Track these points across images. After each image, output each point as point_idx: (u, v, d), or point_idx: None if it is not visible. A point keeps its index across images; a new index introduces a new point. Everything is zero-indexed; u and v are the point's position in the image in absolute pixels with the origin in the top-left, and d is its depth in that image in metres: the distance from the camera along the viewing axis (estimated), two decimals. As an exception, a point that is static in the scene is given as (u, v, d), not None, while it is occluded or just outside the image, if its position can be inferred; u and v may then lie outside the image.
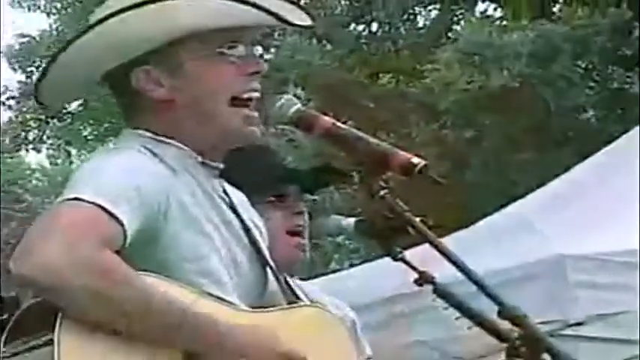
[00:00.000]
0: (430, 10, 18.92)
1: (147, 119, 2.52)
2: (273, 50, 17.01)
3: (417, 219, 2.24)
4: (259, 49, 2.56)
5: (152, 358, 2.25)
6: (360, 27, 18.81)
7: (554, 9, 17.53)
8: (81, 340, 2.19)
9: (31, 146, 22.84)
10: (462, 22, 18.40)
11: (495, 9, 18.64)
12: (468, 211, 7.95)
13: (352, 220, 2.40)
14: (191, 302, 2.29)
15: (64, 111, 21.70)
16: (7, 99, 21.93)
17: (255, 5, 2.47)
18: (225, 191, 2.57)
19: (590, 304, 5.99)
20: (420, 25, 19.00)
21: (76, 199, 2.27)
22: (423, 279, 2.28)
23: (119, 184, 2.33)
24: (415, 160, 2.27)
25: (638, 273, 5.70)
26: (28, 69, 20.71)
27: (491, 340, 2.25)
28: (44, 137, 22.56)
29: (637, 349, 7.20)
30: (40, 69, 2.62)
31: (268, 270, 2.58)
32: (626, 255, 5.76)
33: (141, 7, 2.47)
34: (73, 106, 21.13)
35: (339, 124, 2.35)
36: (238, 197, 2.61)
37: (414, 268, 2.29)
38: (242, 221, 2.55)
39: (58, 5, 20.68)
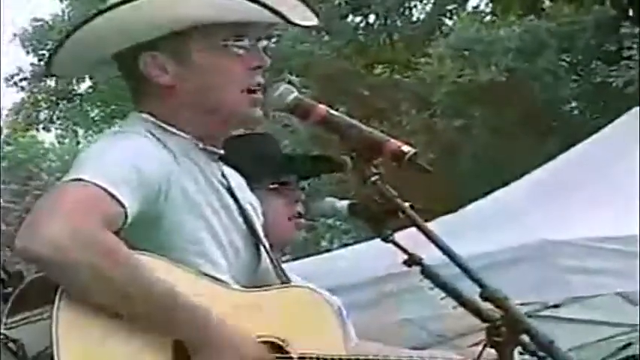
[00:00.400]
0: (425, 4, 18.89)
1: (151, 104, 2.52)
2: (274, 39, 16.97)
3: (406, 204, 2.25)
4: (264, 43, 2.56)
5: (146, 340, 2.25)
6: (358, 19, 18.78)
7: (543, 5, 17.51)
8: (79, 316, 2.20)
9: (41, 126, 22.83)
10: (455, 17, 18.39)
11: (487, 4, 18.63)
12: (456, 196, 7.95)
13: (346, 202, 2.40)
14: (185, 289, 2.29)
15: (74, 93, 21.69)
16: (20, 80, 21.92)
17: (260, 3, 2.47)
18: (223, 174, 2.57)
19: (571, 287, 5.99)
20: (415, 18, 18.97)
21: (80, 179, 2.27)
22: (412, 260, 2.27)
23: (121, 166, 2.32)
24: (405, 148, 2.27)
25: (623, 259, 5.71)
26: (41, 52, 20.69)
27: (473, 320, 2.26)
28: (54, 118, 22.54)
29: (613, 330, 7.24)
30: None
31: (262, 250, 2.58)
32: (609, 241, 5.76)
33: None
34: (83, 88, 21.12)
35: (333, 112, 2.35)
36: (236, 180, 2.61)
37: (403, 250, 2.28)
38: (239, 204, 2.55)
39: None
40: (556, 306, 6.57)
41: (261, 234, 2.59)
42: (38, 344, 2.19)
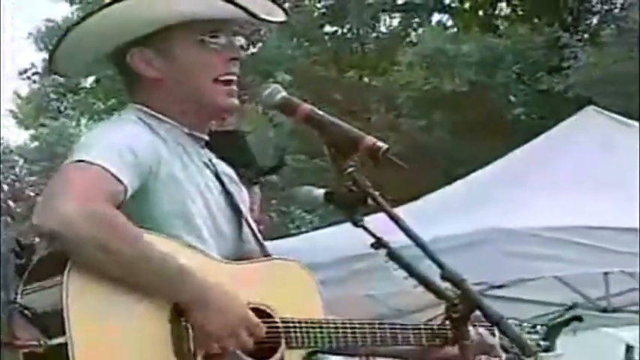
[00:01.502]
0: (393, 17, 18.93)
1: (142, 95, 2.50)
2: (260, 45, 16.95)
3: (377, 193, 2.25)
4: (240, 40, 2.54)
5: (147, 303, 2.23)
6: (333, 28, 18.79)
7: (500, 25, 17.63)
8: (86, 285, 2.18)
9: (49, 115, 22.77)
10: (420, 29, 18.45)
11: (448, 19, 18.69)
12: (418, 187, 7.95)
13: (322, 191, 2.39)
14: (181, 259, 2.27)
15: (79, 87, 21.61)
16: (33, 74, 21.84)
17: (230, 1, 2.46)
18: (210, 160, 2.55)
19: (514, 270, 6.02)
20: (384, 29, 19.00)
21: (82, 161, 2.26)
22: (379, 243, 2.27)
23: (119, 148, 2.31)
24: (380, 144, 2.27)
25: (561, 246, 5.74)
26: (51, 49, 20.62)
27: (429, 297, 2.26)
28: (61, 108, 22.47)
29: (550, 308, 7.28)
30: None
31: (245, 228, 2.56)
32: (549, 230, 5.78)
33: None
34: (89, 82, 21.04)
35: (317, 110, 2.35)
36: (222, 166, 2.60)
37: (371, 234, 2.27)
38: (224, 186, 2.53)
39: (81, -5, 20.59)
40: (501, 286, 6.60)
41: (246, 214, 2.57)
42: (50, 311, 2.17)
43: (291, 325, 2.38)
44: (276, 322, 2.37)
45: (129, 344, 2.21)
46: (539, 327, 2.62)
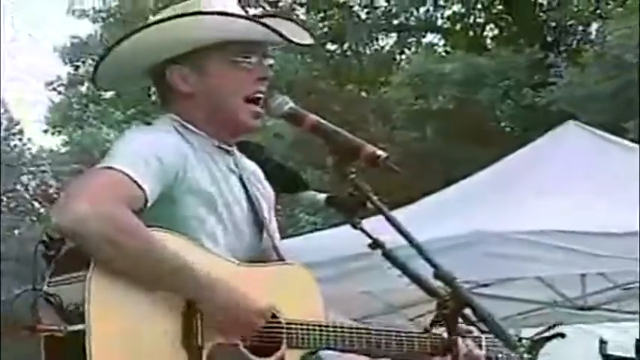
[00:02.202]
0: (389, 37, 18.95)
1: (175, 107, 2.50)
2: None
3: (375, 197, 2.23)
4: (270, 61, 2.54)
5: (161, 298, 2.23)
6: (334, 46, 18.80)
7: (486, 46, 17.66)
8: (106, 280, 2.18)
9: (74, 123, 22.80)
10: (413, 48, 18.48)
11: (440, 39, 18.73)
12: (412, 192, 7.93)
13: (324, 195, 2.38)
14: (192, 260, 2.25)
15: (101, 98, 21.63)
16: (58, 86, 21.88)
17: (266, 25, 2.47)
18: (237, 165, 2.54)
19: (498, 270, 6.00)
20: (380, 47, 19.02)
21: (108, 167, 2.26)
22: (375, 244, 2.25)
23: (145, 156, 2.30)
24: (379, 152, 2.26)
25: (542, 249, 5.73)
26: (76, 63, 20.66)
27: (419, 293, 2.24)
28: (84, 117, 22.50)
29: (531, 306, 7.28)
30: (89, 62, 2.57)
31: (264, 232, 2.54)
32: (530, 234, 5.77)
33: (181, 17, 2.46)
34: (108, 94, 21.06)
35: (322, 120, 2.34)
36: (249, 171, 2.58)
37: (368, 235, 2.26)
38: (247, 192, 2.52)
39: (103, 15, 20.59)
40: (487, 285, 6.58)
41: (265, 216, 2.55)
42: (73, 301, 2.17)
43: (293, 326, 2.36)
44: (280, 323, 2.35)
45: (141, 335, 2.20)
46: (524, 341, 2.59)
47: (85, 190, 2.21)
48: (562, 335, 2.66)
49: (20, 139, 23.83)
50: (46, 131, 23.67)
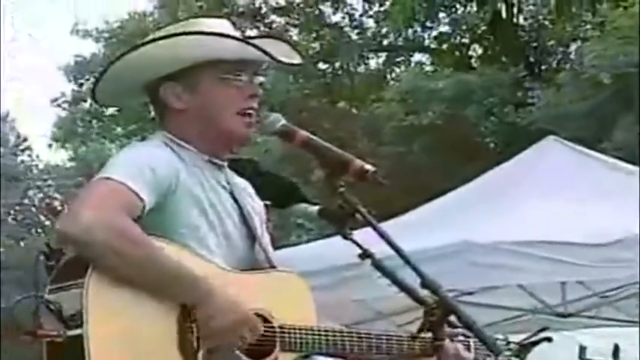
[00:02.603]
0: (379, 57, 18.99)
1: (169, 124, 2.50)
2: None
3: (364, 209, 2.23)
4: (260, 79, 2.54)
5: (157, 304, 2.22)
6: (326, 65, 18.82)
7: (473, 65, 17.73)
8: (104, 288, 2.18)
9: (79, 139, 22.80)
10: (402, 67, 18.52)
11: (427, 59, 18.78)
12: (399, 204, 7.94)
13: (316, 207, 2.39)
14: (188, 264, 2.26)
15: (104, 114, 21.62)
16: (63, 102, 21.87)
17: (254, 45, 2.47)
18: (228, 181, 2.53)
19: (482, 278, 6.00)
20: (371, 67, 19.05)
21: (107, 178, 2.27)
22: (365, 254, 2.25)
23: (141, 168, 2.31)
24: (367, 166, 2.27)
25: (524, 258, 5.73)
26: (80, 81, 20.66)
27: (408, 301, 2.24)
28: (87, 133, 22.49)
29: (513, 313, 7.28)
30: (92, 80, 2.58)
31: (256, 242, 2.54)
32: (513, 244, 5.78)
33: (175, 37, 2.46)
34: (110, 110, 21.05)
35: (312, 136, 2.35)
36: (240, 187, 2.58)
37: (358, 246, 2.26)
38: (238, 204, 2.51)
39: (106, 35, 20.60)
40: (471, 293, 6.58)
41: (258, 229, 2.54)
42: (72, 307, 2.18)
43: (286, 330, 2.35)
44: (273, 327, 2.34)
45: (138, 338, 2.20)
46: (512, 345, 2.59)
47: (88, 201, 2.22)
48: (549, 339, 2.66)
49: (29, 155, 23.91)
50: (50, 146, 23.70)
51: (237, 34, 2.53)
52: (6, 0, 19.40)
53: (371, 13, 18.34)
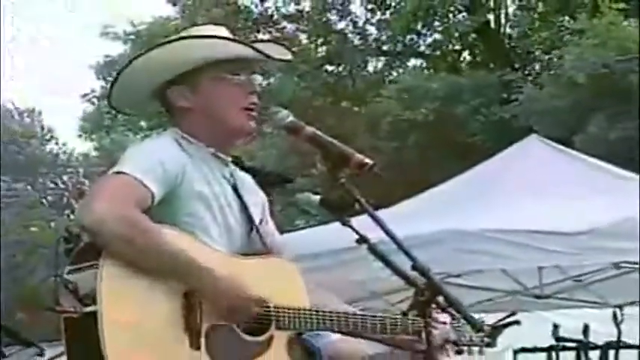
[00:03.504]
0: (379, 60, 18.97)
1: (177, 122, 2.50)
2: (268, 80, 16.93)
3: (362, 199, 2.24)
4: (258, 78, 2.54)
5: (164, 287, 2.23)
6: (331, 67, 18.80)
7: (463, 67, 17.69)
8: (117, 269, 2.19)
9: (104, 130, 22.81)
10: (400, 70, 18.51)
11: (422, 63, 18.75)
12: (394, 195, 7.93)
13: (317, 197, 2.39)
14: (191, 252, 2.26)
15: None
16: (92, 97, 21.88)
17: (249, 46, 2.48)
18: (232, 175, 2.53)
19: (468, 262, 6.01)
20: (371, 69, 19.02)
21: (120, 172, 2.27)
22: (362, 240, 2.25)
23: (151, 162, 2.32)
24: (367, 160, 2.27)
25: (507, 245, 5.73)
26: (108, 79, 20.67)
27: (400, 282, 2.23)
28: (113, 125, 22.49)
29: (496, 294, 7.28)
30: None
31: (254, 231, 2.53)
32: (497, 232, 5.78)
33: (178, 41, 2.47)
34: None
35: (318, 131, 2.34)
36: (243, 180, 2.57)
37: (356, 232, 2.26)
38: (239, 196, 2.51)
39: (132, 37, 20.56)
40: (457, 275, 6.58)
41: (256, 219, 2.54)
42: (87, 287, 2.19)
43: (281, 310, 2.36)
44: (269, 307, 2.34)
45: (146, 316, 2.20)
46: (485, 327, 2.59)
47: (101, 193, 2.23)
48: (517, 322, 2.66)
49: (56, 143, 23.94)
50: (80, 136, 23.76)
51: (230, 37, 2.52)
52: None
53: (373, 21, 18.30)
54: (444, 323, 2.45)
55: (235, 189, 2.51)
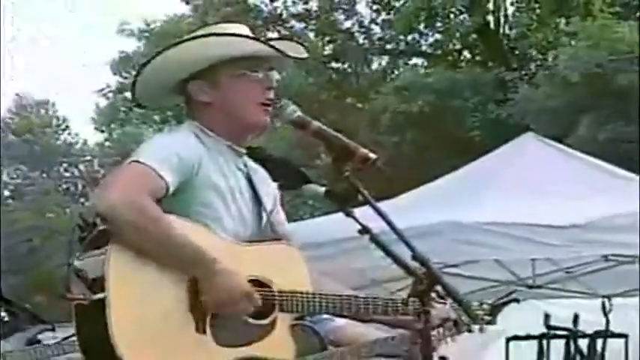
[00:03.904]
0: (382, 59, 18.96)
1: (196, 115, 2.49)
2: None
3: (365, 191, 2.24)
4: (276, 75, 2.53)
5: (169, 274, 2.22)
6: (336, 65, 18.80)
7: (460, 65, 17.68)
8: (124, 256, 2.19)
9: (119, 122, 22.81)
10: (401, 69, 18.50)
11: (423, 62, 18.74)
12: (395, 188, 7.93)
13: (323, 188, 2.39)
14: (199, 240, 2.26)
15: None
16: (108, 92, 21.88)
17: (266, 43, 2.48)
18: (246, 166, 2.53)
19: (464, 253, 6.01)
20: (375, 67, 19.02)
21: (136, 161, 2.27)
22: (364, 230, 2.24)
23: (167, 153, 2.31)
24: (371, 155, 2.27)
25: (502, 237, 5.74)
26: (123, 74, 20.66)
27: (399, 271, 2.23)
28: (127, 118, 22.48)
29: (490, 283, 7.28)
30: (133, 73, 2.53)
31: (265, 220, 2.53)
32: (491, 225, 5.78)
33: (199, 39, 2.46)
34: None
35: (323, 126, 2.34)
36: (256, 171, 2.57)
37: (358, 222, 2.25)
38: (254, 188, 2.52)
39: (146, 34, 20.54)
40: (454, 265, 6.59)
41: (267, 209, 2.54)
42: (95, 273, 2.19)
43: (284, 294, 2.36)
44: (272, 291, 2.35)
45: (153, 301, 2.20)
46: (485, 305, 2.60)
47: (116, 182, 2.22)
48: (517, 300, 2.67)
49: (69, 134, 23.98)
50: (96, 128, 23.77)
51: (250, 35, 2.51)
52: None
53: (377, 21, 18.30)
54: (444, 303, 2.45)
55: (249, 179, 2.52)
